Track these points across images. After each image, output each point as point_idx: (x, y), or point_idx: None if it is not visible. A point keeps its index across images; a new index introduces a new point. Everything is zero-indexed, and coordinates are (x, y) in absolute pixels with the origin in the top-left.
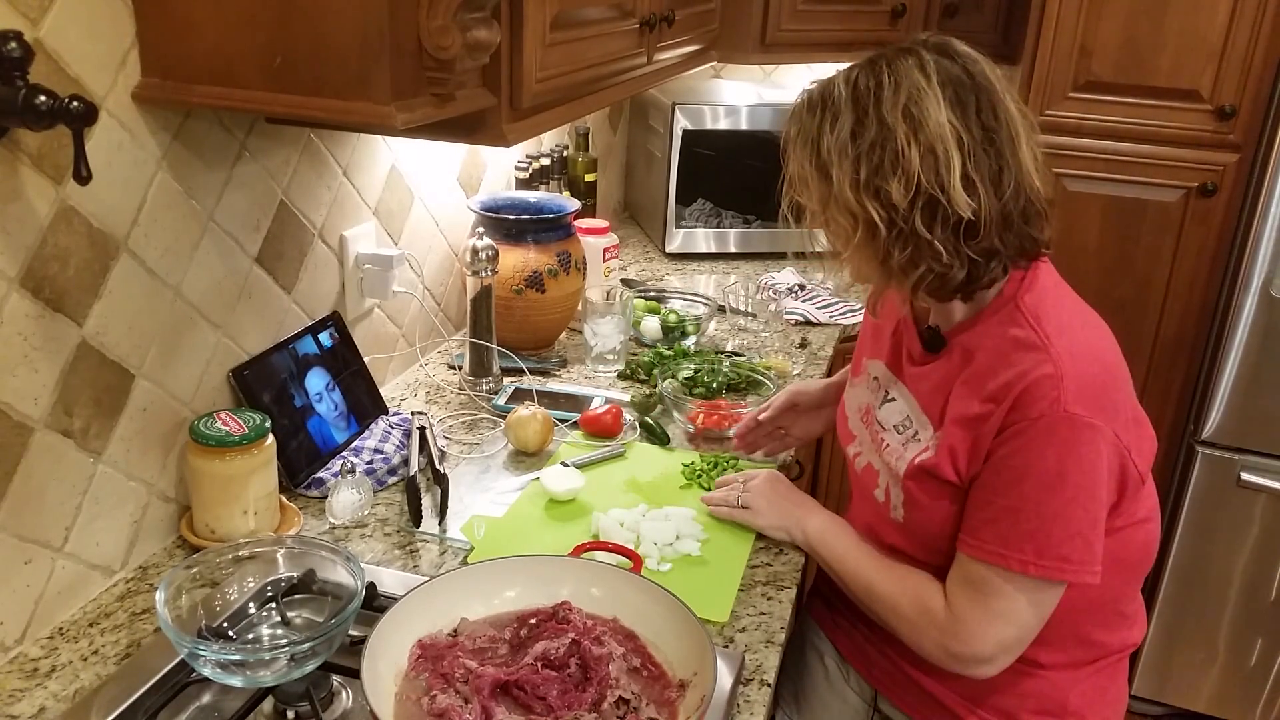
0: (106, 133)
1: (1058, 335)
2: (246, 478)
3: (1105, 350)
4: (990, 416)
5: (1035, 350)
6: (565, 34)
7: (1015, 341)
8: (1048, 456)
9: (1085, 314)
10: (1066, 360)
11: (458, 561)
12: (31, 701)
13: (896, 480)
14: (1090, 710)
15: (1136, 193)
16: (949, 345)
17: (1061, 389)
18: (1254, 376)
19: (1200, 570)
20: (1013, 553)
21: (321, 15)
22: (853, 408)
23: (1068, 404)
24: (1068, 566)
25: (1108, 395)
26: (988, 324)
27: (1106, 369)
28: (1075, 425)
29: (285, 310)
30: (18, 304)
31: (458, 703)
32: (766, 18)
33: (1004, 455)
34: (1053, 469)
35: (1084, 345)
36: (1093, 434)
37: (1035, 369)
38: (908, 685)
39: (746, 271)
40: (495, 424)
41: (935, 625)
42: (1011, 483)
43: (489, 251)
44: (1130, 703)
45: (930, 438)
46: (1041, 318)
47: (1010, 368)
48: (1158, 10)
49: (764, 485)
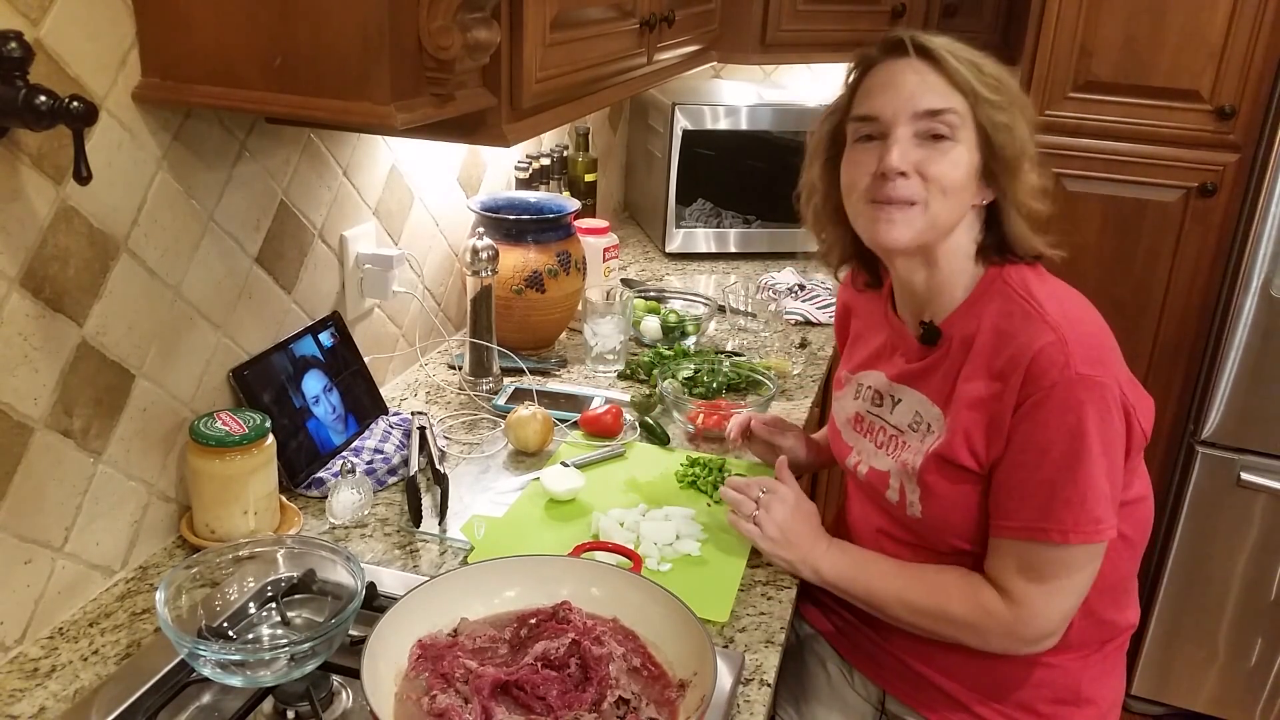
0: (106, 133)
1: (1049, 301)
2: (246, 478)
3: (1094, 315)
4: (1002, 394)
5: (1032, 320)
6: (565, 34)
7: (1010, 315)
8: (1068, 421)
9: (1063, 286)
10: (1064, 325)
11: (458, 561)
12: (31, 701)
13: (912, 476)
14: (1100, 694)
15: (1136, 193)
16: (945, 336)
17: (1068, 353)
18: (1254, 376)
19: (1200, 570)
20: (1053, 525)
21: (322, 15)
22: (842, 421)
23: (1077, 366)
24: (1103, 527)
25: (1108, 352)
26: (979, 306)
27: (1101, 329)
28: (1087, 385)
29: (285, 310)
30: (18, 304)
31: (458, 703)
32: (766, 18)
33: (1026, 431)
34: (1074, 433)
35: (1075, 308)
36: (1103, 391)
37: (1037, 338)
38: (919, 682)
39: (746, 271)
40: (495, 424)
41: (1000, 621)
42: (1039, 457)
43: (489, 251)
44: (1130, 703)
45: (943, 426)
46: (1031, 289)
47: (1011, 340)
48: (1158, 10)
49: (784, 512)
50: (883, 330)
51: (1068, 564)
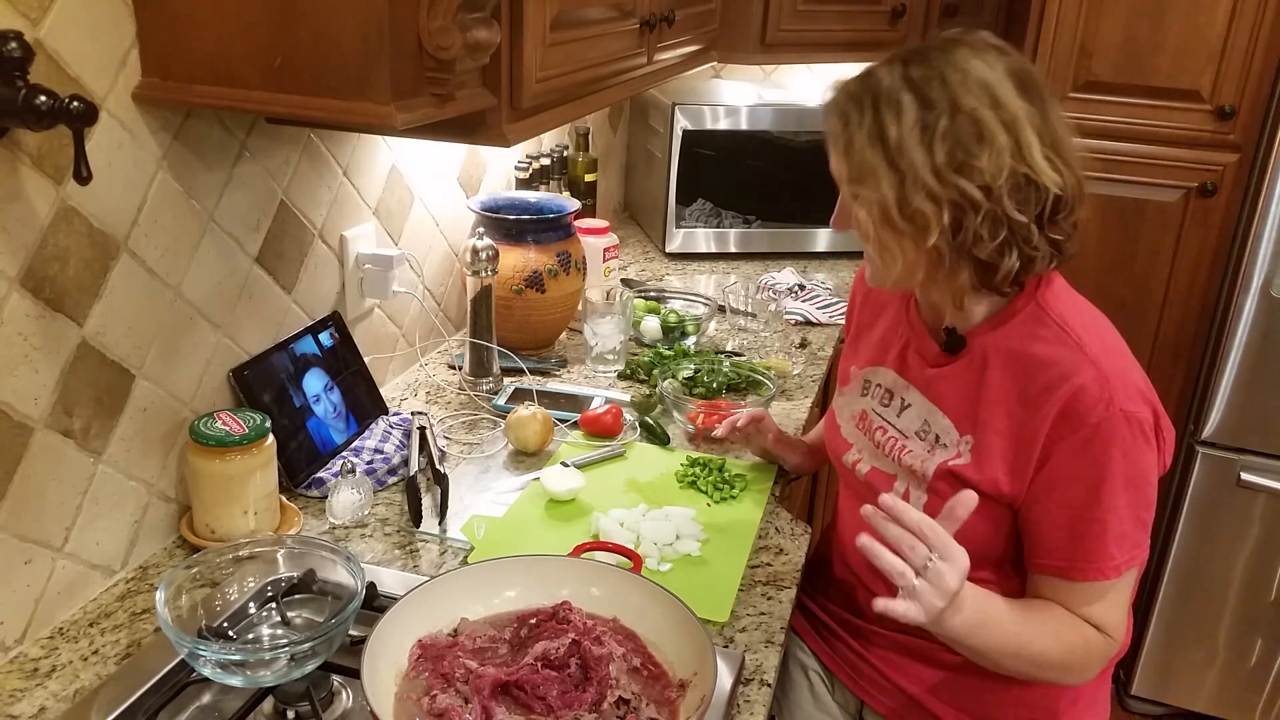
0: (106, 133)
1: (1085, 333)
2: (246, 478)
3: (1118, 338)
4: (1031, 422)
5: (1071, 350)
6: (565, 34)
7: (1045, 341)
8: (1114, 459)
9: (1090, 307)
10: (1104, 359)
11: (458, 561)
12: (31, 701)
13: (920, 482)
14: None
15: (1136, 193)
16: (969, 346)
17: (1112, 389)
18: (1254, 376)
19: (1200, 570)
20: (1108, 563)
21: (322, 15)
22: (845, 416)
23: (1122, 403)
24: (1140, 551)
25: (1141, 384)
26: (1013, 325)
27: (1129, 358)
28: (1131, 422)
29: (285, 310)
30: (18, 304)
31: (458, 703)
32: (766, 18)
33: (1072, 470)
34: (1120, 470)
35: (1110, 339)
36: (1144, 427)
37: (1077, 372)
38: (896, 695)
39: (746, 271)
40: (495, 424)
41: (1099, 649)
42: (1089, 497)
43: (489, 251)
44: (1130, 703)
45: (958, 442)
46: (1067, 317)
47: (1047, 368)
48: (1158, 10)
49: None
50: (899, 326)
51: (1123, 590)
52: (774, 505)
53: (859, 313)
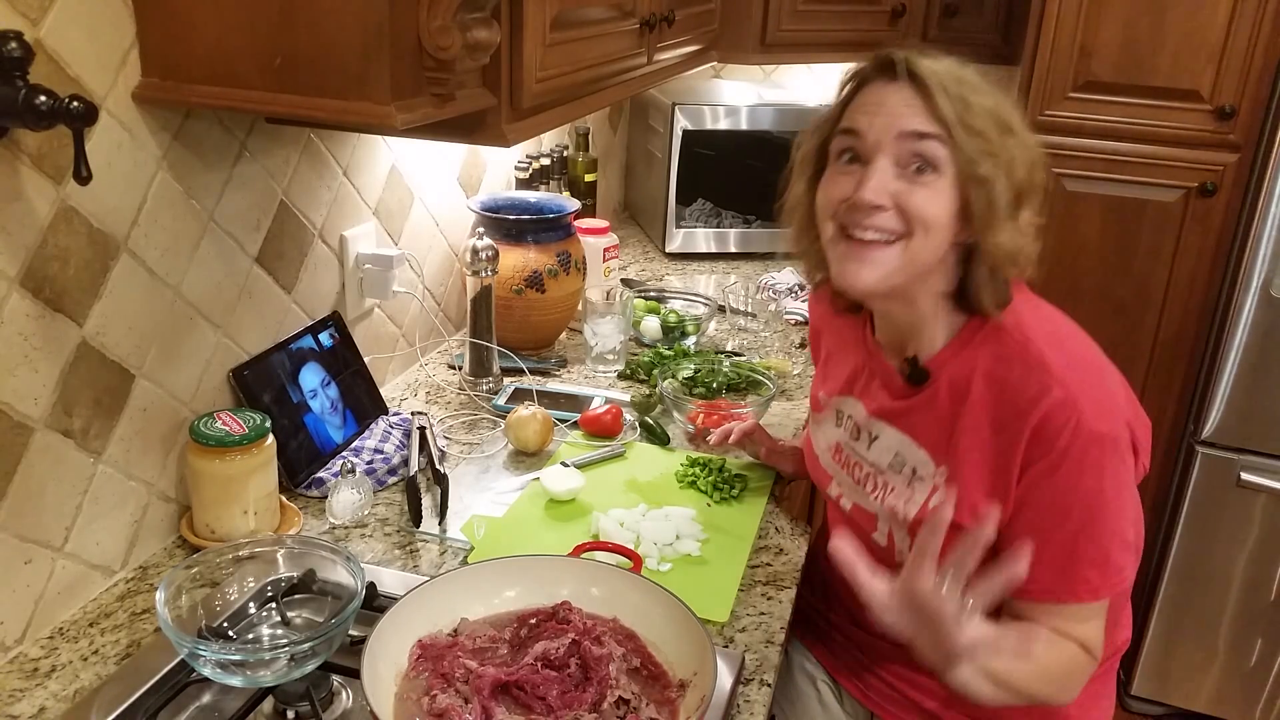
0: (106, 133)
1: (1048, 348)
2: (246, 478)
3: (1085, 345)
4: (1005, 449)
5: (1033, 371)
6: (565, 34)
7: (1008, 361)
8: (1085, 482)
9: (1052, 314)
10: (1070, 377)
11: (458, 561)
12: (31, 701)
13: (902, 525)
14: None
15: (1136, 193)
16: (933, 377)
17: (1079, 410)
18: (1254, 376)
19: (1200, 570)
20: (1082, 587)
21: (322, 15)
22: (821, 446)
23: (1090, 423)
24: (1124, 574)
25: (1113, 395)
26: (972, 349)
27: (1098, 366)
28: (1102, 442)
29: (285, 310)
30: (18, 304)
31: (458, 703)
32: (766, 18)
33: (1041, 495)
34: (1092, 492)
35: (1073, 353)
36: (1116, 444)
37: (1045, 394)
38: (906, 705)
39: (746, 271)
40: (495, 424)
41: (1086, 666)
42: (1058, 521)
43: (489, 251)
44: (1130, 702)
45: (934, 474)
46: (1028, 333)
47: (1013, 392)
48: (1158, 10)
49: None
50: (858, 354)
51: (1098, 611)
52: (774, 505)
53: (825, 338)
